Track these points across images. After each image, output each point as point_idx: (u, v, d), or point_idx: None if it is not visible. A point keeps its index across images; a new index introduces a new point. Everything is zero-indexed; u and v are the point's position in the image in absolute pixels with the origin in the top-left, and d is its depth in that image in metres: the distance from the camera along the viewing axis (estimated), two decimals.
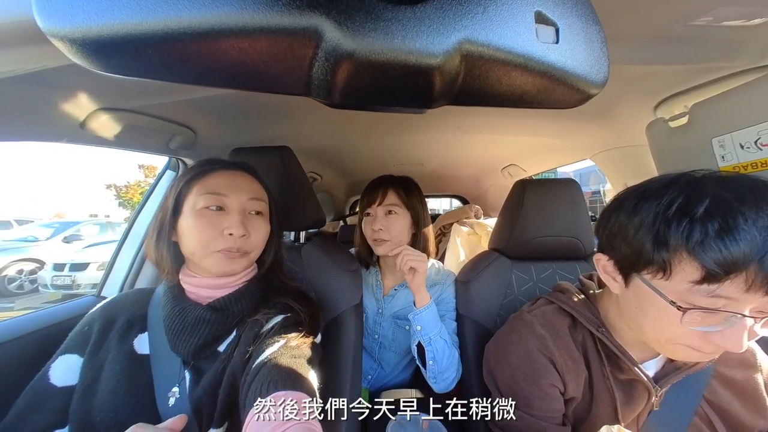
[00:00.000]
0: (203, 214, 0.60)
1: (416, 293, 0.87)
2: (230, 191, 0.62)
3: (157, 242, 0.62)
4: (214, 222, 0.60)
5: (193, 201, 0.60)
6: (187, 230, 0.60)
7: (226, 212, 0.61)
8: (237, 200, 0.62)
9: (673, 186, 0.45)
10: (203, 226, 0.59)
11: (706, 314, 0.42)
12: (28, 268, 5.90)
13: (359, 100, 0.29)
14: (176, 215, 0.61)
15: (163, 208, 0.63)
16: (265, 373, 0.51)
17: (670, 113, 0.82)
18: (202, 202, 0.60)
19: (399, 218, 0.94)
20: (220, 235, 0.60)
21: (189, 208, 0.60)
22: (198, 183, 0.62)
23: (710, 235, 0.40)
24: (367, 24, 0.23)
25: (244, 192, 0.64)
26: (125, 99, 0.73)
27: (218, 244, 0.59)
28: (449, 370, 0.85)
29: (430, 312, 0.85)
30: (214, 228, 0.59)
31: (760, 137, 0.55)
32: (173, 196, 0.62)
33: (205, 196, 0.60)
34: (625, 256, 0.49)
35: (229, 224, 0.60)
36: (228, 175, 0.64)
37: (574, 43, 0.28)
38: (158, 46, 0.22)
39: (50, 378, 0.56)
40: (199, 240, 0.59)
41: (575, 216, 0.89)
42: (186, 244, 0.60)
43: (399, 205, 0.95)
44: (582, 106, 0.33)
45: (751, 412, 0.55)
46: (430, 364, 0.84)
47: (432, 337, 0.84)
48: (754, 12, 0.52)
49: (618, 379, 0.57)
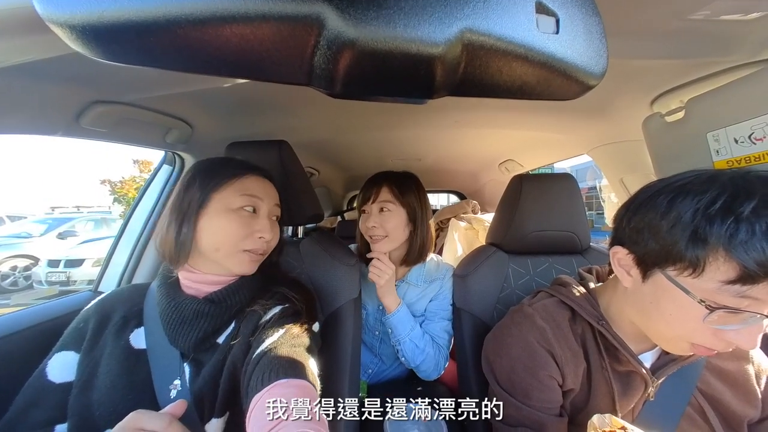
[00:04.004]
0: (240, 214, 0.62)
1: (381, 300, 0.94)
2: (264, 196, 0.65)
3: (178, 233, 0.60)
4: (248, 223, 0.62)
5: (228, 200, 0.61)
6: (216, 226, 0.60)
7: (257, 215, 0.64)
8: (267, 205, 0.66)
9: (716, 183, 0.44)
10: (238, 225, 0.61)
11: (728, 313, 0.42)
12: (22, 264, 5.85)
13: (360, 90, 0.29)
14: (200, 209, 0.60)
15: (185, 199, 0.61)
16: (266, 362, 0.52)
17: (666, 108, 0.82)
18: (240, 202, 0.62)
19: (393, 215, 0.95)
20: (250, 236, 0.62)
21: (222, 206, 0.61)
22: (234, 183, 0.63)
23: (756, 236, 0.39)
24: (369, 12, 0.23)
25: (272, 198, 0.68)
26: (121, 91, 0.73)
27: (247, 244, 0.62)
28: (424, 365, 0.92)
29: (396, 318, 0.92)
30: (247, 228, 0.62)
31: (754, 132, 0.55)
32: (201, 189, 0.61)
33: (244, 197, 0.62)
34: (650, 251, 0.48)
35: (261, 228, 0.63)
36: (261, 180, 0.67)
37: (574, 34, 0.28)
38: (159, 33, 0.22)
39: (48, 375, 0.57)
40: (230, 238, 0.61)
41: (572, 211, 0.90)
42: (210, 239, 0.60)
43: (392, 201, 0.95)
44: (579, 100, 0.33)
45: (742, 402, 0.56)
46: (403, 360, 0.94)
47: (401, 339, 0.91)
48: (751, 6, 0.52)
49: (616, 371, 0.58)
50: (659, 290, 0.48)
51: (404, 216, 0.96)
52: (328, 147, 1.61)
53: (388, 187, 0.96)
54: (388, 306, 0.93)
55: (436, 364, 0.93)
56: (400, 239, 0.97)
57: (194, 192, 0.61)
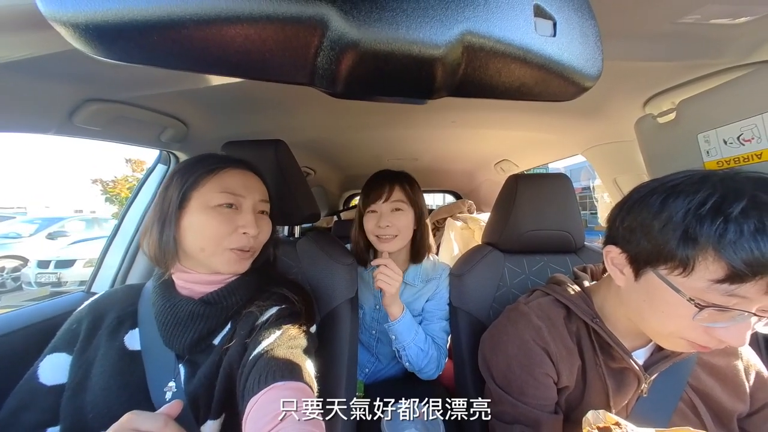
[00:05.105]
0: (219, 211, 0.60)
1: (386, 309, 0.93)
2: (245, 191, 0.63)
3: (160, 234, 0.60)
4: (229, 219, 0.60)
5: (206, 197, 0.60)
6: (197, 226, 0.59)
7: (239, 211, 0.62)
8: (251, 200, 0.63)
9: (707, 183, 0.45)
10: (218, 223, 0.59)
11: (717, 311, 0.43)
12: (10, 265, 5.74)
13: (362, 90, 0.29)
14: (180, 209, 0.60)
15: (165, 199, 0.61)
16: (263, 363, 0.52)
17: (658, 109, 0.84)
18: (218, 200, 0.60)
19: (404, 215, 0.96)
20: (234, 233, 0.60)
21: (201, 204, 0.59)
22: (212, 179, 0.61)
23: (745, 236, 0.40)
24: (373, 14, 0.23)
25: (256, 192, 0.65)
26: (116, 90, 0.72)
27: (232, 241, 0.60)
28: (428, 367, 0.92)
29: (402, 324, 0.91)
30: (229, 225, 0.60)
31: (743, 133, 0.57)
32: (178, 188, 0.60)
33: (222, 194, 0.60)
34: (642, 251, 0.49)
35: (244, 223, 0.61)
36: (241, 174, 0.65)
37: (571, 37, 0.29)
38: (163, 32, 0.22)
39: (39, 377, 0.56)
40: (212, 236, 0.59)
41: (566, 210, 0.91)
42: (194, 239, 0.59)
43: (405, 201, 0.96)
44: (574, 101, 0.34)
45: (732, 397, 0.58)
46: (407, 365, 0.94)
47: (406, 345, 0.91)
48: (740, 10, 0.54)
49: (610, 368, 0.59)
50: (651, 289, 0.49)
51: (413, 216, 0.97)
52: (325, 146, 1.61)
53: (400, 186, 0.97)
54: (393, 313, 0.92)
55: (438, 365, 0.94)
56: (408, 239, 0.98)
57: (173, 191, 0.60)
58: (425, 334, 0.95)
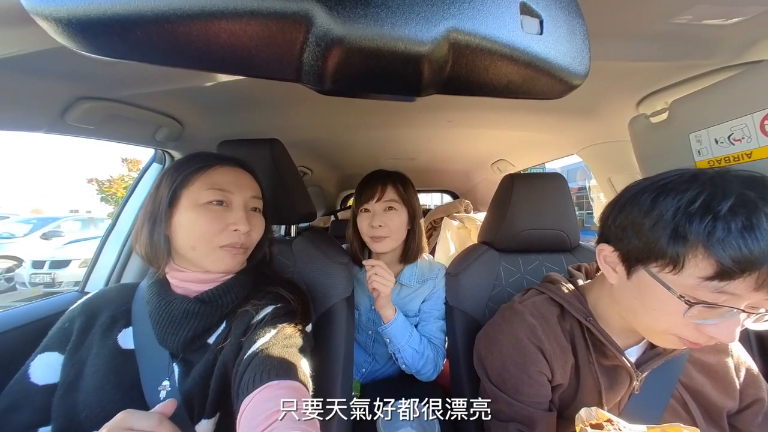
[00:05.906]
0: (208, 209, 0.59)
1: (380, 311, 0.91)
2: (235, 188, 0.62)
3: (151, 234, 0.60)
4: (219, 217, 0.60)
5: (195, 195, 0.59)
6: (187, 224, 0.59)
7: (229, 208, 0.62)
8: (241, 197, 0.63)
9: (696, 182, 0.45)
10: (208, 221, 0.59)
11: (706, 308, 0.43)
12: (4, 265, 5.69)
13: (349, 87, 0.29)
14: (171, 208, 0.59)
15: (156, 198, 0.61)
16: (258, 362, 0.52)
17: (651, 109, 0.84)
18: (207, 197, 0.60)
19: (398, 214, 0.95)
20: (225, 230, 0.60)
21: (190, 202, 0.59)
22: (201, 177, 0.61)
23: (732, 233, 0.40)
24: (357, 10, 0.23)
25: (248, 189, 0.65)
26: (109, 88, 0.71)
27: (223, 239, 0.60)
28: (425, 368, 0.91)
29: (395, 327, 0.90)
30: (220, 222, 0.60)
31: (733, 132, 0.57)
32: (168, 187, 0.60)
33: (211, 191, 0.60)
34: (634, 248, 0.49)
35: (235, 220, 0.60)
36: (231, 171, 0.64)
37: (558, 35, 0.29)
38: (147, 27, 0.21)
39: (30, 377, 0.55)
40: (203, 234, 0.59)
41: (561, 210, 0.91)
42: (185, 237, 0.59)
43: (398, 201, 0.96)
44: (569, 101, 0.34)
45: (722, 394, 0.58)
46: (404, 368, 0.93)
47: (400, 347, 0.90)
48: (732, 11, 0.54)
49: (603, 366, 0.59)
50: (643, 286, 0.49)
51: (406, 216, 0.97)
52: (321, 146, 1.61)
53: (393, 186, 0.96)
54: (386, 316, 0.91)
55: (435, 365, 0.93)
56: (401, 239, 0.98)
57: (163, 190, 0.60)
58: (420, 335, 0.94)
